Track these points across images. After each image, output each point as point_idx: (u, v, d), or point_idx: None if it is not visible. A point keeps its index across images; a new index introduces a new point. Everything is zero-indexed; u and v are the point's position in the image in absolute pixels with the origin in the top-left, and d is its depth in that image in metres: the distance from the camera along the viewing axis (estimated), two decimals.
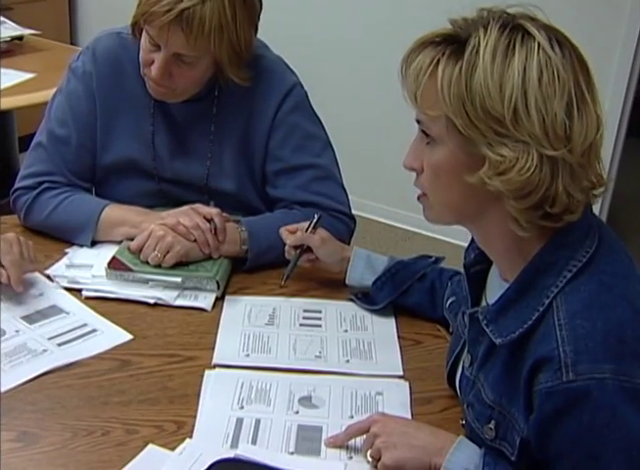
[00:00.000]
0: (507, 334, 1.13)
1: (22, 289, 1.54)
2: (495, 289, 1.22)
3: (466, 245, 1.34)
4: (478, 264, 1.29)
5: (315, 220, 1.65)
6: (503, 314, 1.15)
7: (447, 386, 1.39)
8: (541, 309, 1.10)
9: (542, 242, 1.13)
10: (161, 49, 1.61)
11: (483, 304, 1.26)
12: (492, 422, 1.17)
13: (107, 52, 1.78)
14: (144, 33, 1.65)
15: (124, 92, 1.78)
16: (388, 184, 3.78)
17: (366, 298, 1.64)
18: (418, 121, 1.17)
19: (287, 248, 1.66)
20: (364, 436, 1.25)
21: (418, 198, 1.22)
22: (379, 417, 1.26)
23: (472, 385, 1.24)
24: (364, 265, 1.63)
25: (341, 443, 1.26)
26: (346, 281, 1.66)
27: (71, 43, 4.53)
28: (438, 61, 1.10)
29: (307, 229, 1.64)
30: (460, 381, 1.32)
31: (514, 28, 1.08)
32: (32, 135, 1.85)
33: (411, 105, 1.16)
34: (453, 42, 1.11)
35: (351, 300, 1.65)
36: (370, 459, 1.23)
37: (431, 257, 1.64)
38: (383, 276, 1.61)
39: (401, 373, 1.45)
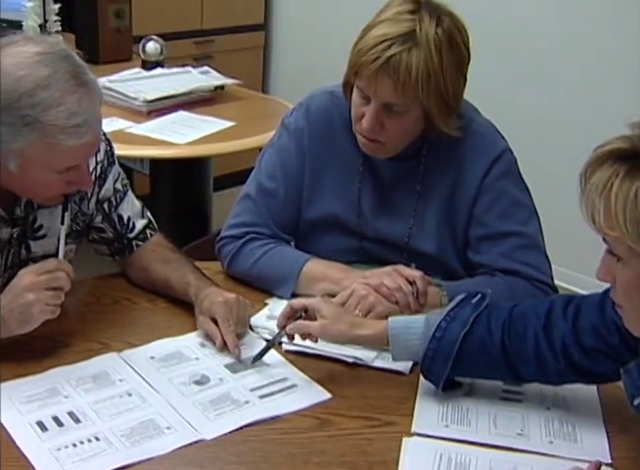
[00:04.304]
0: None
1: (238, 353, 1.57)
2: None
3: None
4: None
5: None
6: None
7: None
8: None
9: None
10: (371, 100, 1.63)
11: None
12: None
13: (320, 109, 1.82)
14: (355, 90, 1.68)
15: (334, 149, 1.81)
16: (568, 247, 3.67)
17: None
18: (603, 238, 1.14)
19: None
20: None
21: (613, 307, 1.20)
22: None
23: None
24: None
25: None
26: None
27: (262, 91, 4.70)
28: (612, 183, 1.06)
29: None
30: None
31: None
32: (224, 176, 1.90)
33: (589, 224, 1.12)
34: (628, 159, 1.06)
35: None
36: None
37: None
38: None
39: (609, 461, 1.38)
